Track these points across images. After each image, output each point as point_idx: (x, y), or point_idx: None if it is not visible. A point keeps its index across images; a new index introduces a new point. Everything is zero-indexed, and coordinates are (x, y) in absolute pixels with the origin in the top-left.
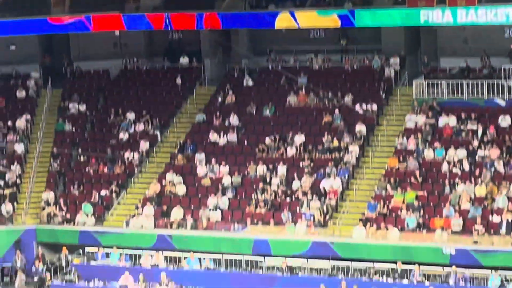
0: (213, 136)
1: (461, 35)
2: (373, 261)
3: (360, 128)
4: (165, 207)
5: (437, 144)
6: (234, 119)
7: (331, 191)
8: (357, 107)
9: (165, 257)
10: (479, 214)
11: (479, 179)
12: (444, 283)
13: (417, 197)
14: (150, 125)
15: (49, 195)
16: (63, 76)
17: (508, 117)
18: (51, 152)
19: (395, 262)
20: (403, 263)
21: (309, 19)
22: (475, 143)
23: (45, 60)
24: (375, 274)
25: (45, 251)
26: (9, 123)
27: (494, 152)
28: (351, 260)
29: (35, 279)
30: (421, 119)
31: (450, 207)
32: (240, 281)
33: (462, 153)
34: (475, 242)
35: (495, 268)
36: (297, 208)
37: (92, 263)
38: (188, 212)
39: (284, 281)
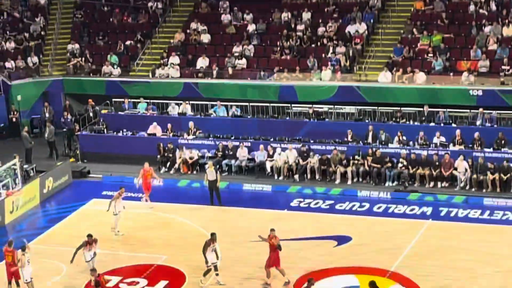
0: None
1: None
2: (400, 105)
3: None
4: (190, 56)
5: None
6: None
7: (356, 36)
8: None
9: (192, 106)
10: (506, 55)
11: (506, 20)
12: (471, 125)
13: (443, 40)
14: None
15: (75, 46)
16: None
17: None
18: (74, 3)
19: (422, 106)
20: (430, 106)
21: None
22: None
23: None
24: (402, 118)
25: (72, 102)
26: None
27: None
28: (378, 104)
29: (64, 130)
30: None
31: (477, 48)
32: (267, 128)
33: None
34: (502, 83)
35: None
36: (323, 54)
37: (120, 113)
38: (213, 61)
39: (311, 127)
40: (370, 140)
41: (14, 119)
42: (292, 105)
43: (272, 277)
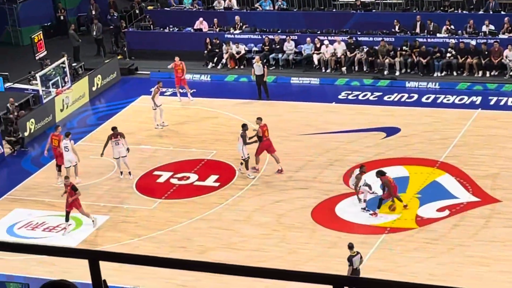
0: None
1: None
2: None
3: None
4: None
5: None
6: None
7: None
8: None
9: (238, 0)
10: None
11: None
12: None
13: None
14: None
15: None
16: None
17: None
18: None
19: None
20: None
21: None
22: None
23: None
24: (450, 6)
25: None
26: None
27: None
28: None
29: (111, 27)
30: None
31: None
32: (313, 20)
33: None
34: None
35: None
36: None
37: (166, 9)
38: None
39: (358, 18)
40: (418, 30)
41: (61, 17)
42: None
43: (261, 163)
